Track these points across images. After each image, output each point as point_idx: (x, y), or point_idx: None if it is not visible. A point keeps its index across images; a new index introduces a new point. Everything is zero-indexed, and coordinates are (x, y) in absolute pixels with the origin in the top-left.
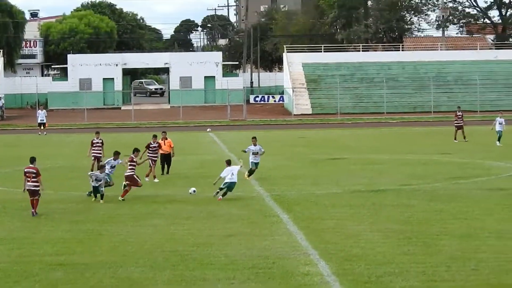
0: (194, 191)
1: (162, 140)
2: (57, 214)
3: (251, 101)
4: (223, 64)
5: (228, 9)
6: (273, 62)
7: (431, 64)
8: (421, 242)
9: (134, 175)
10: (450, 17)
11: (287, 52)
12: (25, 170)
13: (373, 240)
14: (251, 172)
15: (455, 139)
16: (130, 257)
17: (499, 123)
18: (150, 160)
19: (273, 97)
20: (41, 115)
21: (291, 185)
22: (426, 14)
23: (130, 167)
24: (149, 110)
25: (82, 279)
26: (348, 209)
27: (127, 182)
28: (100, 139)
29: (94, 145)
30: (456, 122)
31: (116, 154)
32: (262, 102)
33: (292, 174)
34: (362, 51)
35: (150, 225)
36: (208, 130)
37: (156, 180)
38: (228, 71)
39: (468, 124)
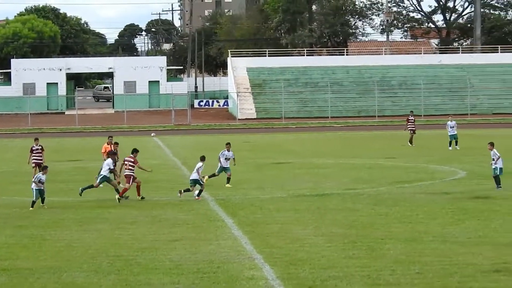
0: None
1: (108, 144)
2: (1, 219)
3: (196, 105)
4: (167, 69)
5: (172, 14)
6: (217, 67)
7: (375, 69)
8: (365, 246)
9: (132, 175)
10: (395, 22)
11: (232, 56)
12: None
13: (318, 244)
14: (212, 176)
15: (410, 143)
16: (75, 262)
17: (451, 127)
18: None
19: (217, 101)
20: None
21: (236, 189)
22: (370, 19)
23: (129, 167)
24: (93, 114)
25: (26, 284)
26: (293, 214)
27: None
28: (39, 145)
29: (34, 151)
30: (410, 126)
31: (112, 154)
32: (206, 106)
33: (236, 178)
34: (307, 55)
35: (94, 230)
36: (152, 134)
37: (101, 186)
38: (173, 75)
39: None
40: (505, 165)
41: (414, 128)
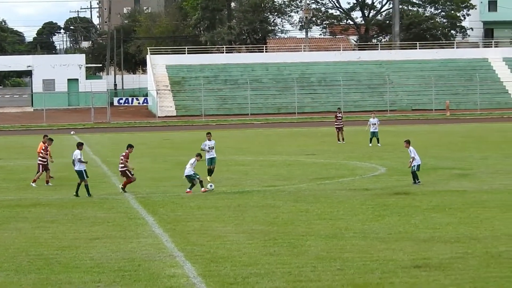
0: (212, 186)
1: (44, 143)
2: None
3: (115, 103)
4: (86, 67)
5: (91, 11)
6: (136, 64)
7: (294, 65)
8: (286, 243)
9: (126, 170)
10: (313, 19)
11: (151, 54)
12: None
13: (239, 241)
14: (210, 172)
15: (338, 140)
16: None
17: (372, 124)
18: (40, 165)
19: (137, 99)
20: None
21: (156, 187)
22: (289, 16)
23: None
24: (12, 113)
25: None
26: (213, 211)
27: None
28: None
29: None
30: (336, 123)
31: (80, 145)
32: (126, 104)
33: (157, 176)
34: (226, 52)
35: (14, 229)
36: (72, 133)
37: (34, 185)
38: (92, 73)
39: (332, 125)
40: (424, 161)
41: (341, 125)
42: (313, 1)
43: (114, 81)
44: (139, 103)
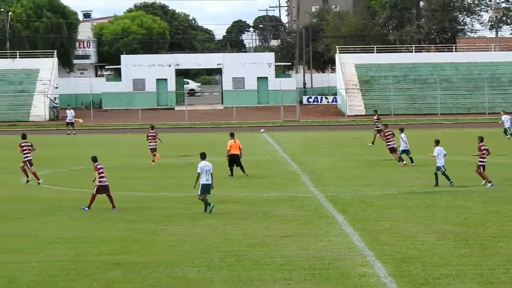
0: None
1: (235, 142)
2: (113, 213)
3: (304, 102)
4: (275, 65)
5: (279, 10)
6: (325, 63)
7: (484, 65)
8: (477, 244)
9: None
10: (503, 18)
11: (340, 53)
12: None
13: (430, 242)
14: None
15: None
16: (186, 256)
17: None
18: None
19: (326, 98)
20: (69, 114)
21: (346, 186)
22: (479, 15)
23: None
24: (203, 110)
25: (139, 278)
26: (403, 211)
27: None
28: (29, 143)
29: (24, 148)
30: (376, 126)
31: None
32: (315, 103)
33: (346, 175)
34: (415, 52)
35: (205, 225)
36: (261, 130)
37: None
38: (281, 72)
39: None
40: None
41: (379, 128)
42: (503, 0)
43: (303, 79)
44: (328, 101)
